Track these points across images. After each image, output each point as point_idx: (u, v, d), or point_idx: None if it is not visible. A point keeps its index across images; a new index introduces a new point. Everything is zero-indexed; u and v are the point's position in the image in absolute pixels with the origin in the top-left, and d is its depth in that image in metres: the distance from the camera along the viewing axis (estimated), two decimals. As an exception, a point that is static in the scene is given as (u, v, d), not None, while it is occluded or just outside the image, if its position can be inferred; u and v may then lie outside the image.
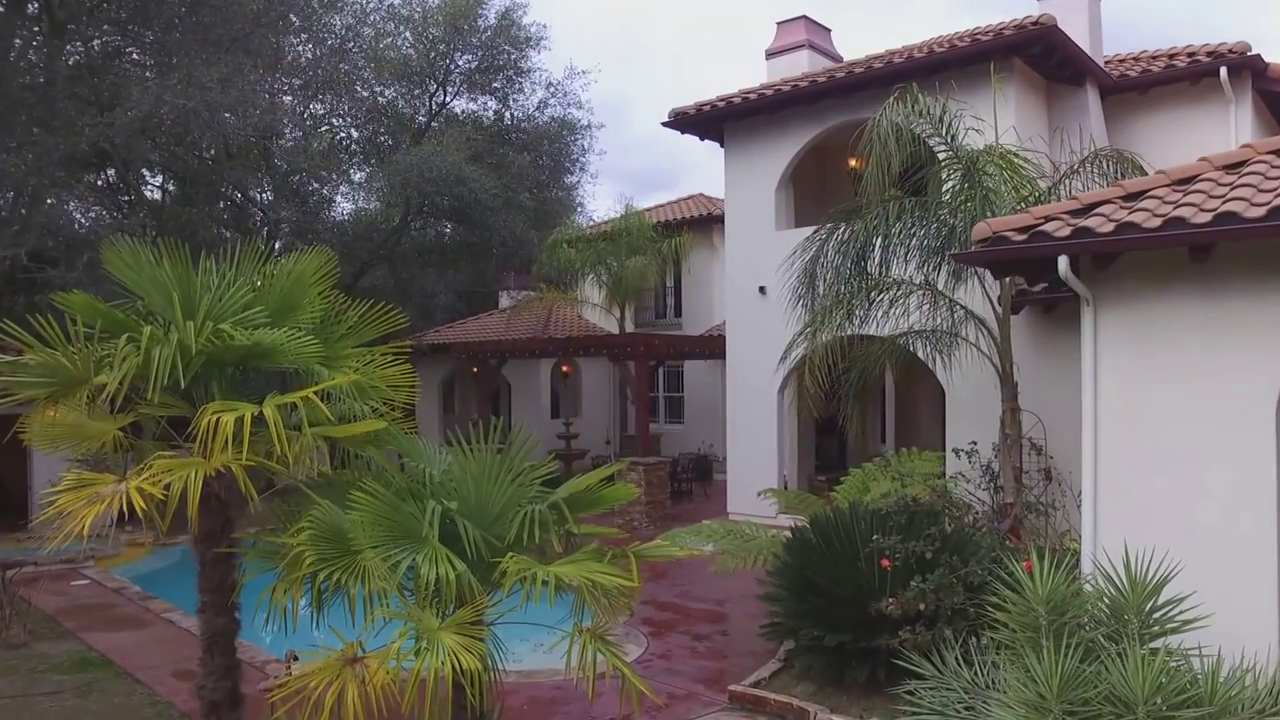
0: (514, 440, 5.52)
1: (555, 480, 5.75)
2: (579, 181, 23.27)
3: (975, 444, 11.02)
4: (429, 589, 4.72)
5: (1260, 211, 5.68)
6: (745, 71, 62.97)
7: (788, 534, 8.49)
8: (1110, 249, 6.34)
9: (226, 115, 10.16)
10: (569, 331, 21.63)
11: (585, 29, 59.83)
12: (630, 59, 63.58)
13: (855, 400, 10.51)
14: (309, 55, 16.88)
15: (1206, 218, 5.87)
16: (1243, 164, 6.90)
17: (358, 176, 19.25)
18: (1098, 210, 6.62)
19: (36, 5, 10.79)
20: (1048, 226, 6.58)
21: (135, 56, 12.11)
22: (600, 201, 64.31)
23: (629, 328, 21.71)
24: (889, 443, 18.13)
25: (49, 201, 11.49)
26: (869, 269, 9.01)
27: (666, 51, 64.84)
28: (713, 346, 17.16)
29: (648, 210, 23.60)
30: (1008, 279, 9.01)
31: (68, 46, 11.27)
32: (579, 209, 27.78)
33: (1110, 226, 6.24)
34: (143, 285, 5.31)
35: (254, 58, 11.98)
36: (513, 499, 5.35)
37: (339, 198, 20.71)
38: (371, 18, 18.51)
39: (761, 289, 12.96)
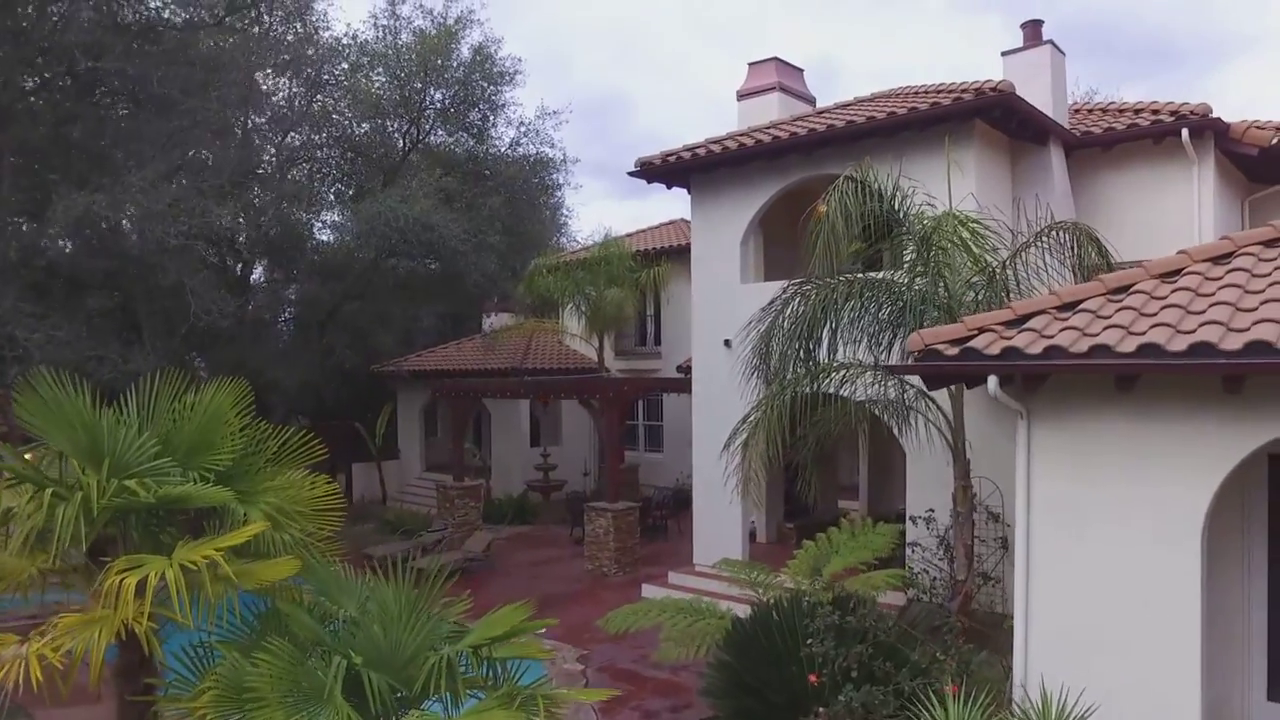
0: (429, 578, 5.50)
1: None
2: (554, 215, 23.23)
3: (932, 511, 11.05)
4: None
5: (1182, 346, 5.65)
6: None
7: (735, 613, 8.49)
8: (1037, 372, 6.31)
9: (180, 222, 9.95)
10: (548, 361, 21.61)
11: (586, 27, 59.72)
12: (631, 54, 63.42)
13: (814, 463, 10.48)
14: (284, 92, 16.88)
15: (1131, 347, 5.84)
16: (1178, 273, 6.86)
17: (334, 214, 19.31)
18: (1029, 325, 6.59)
19: None
20: (979, 341, 6.55)
21: (72, 150, 11.90)
22: (594, 209, 64.19)
23: (609, 356, 21.69)
24: (863, 479, 18.12)
25: None
26: (817, 353, 8.96)
27: (667, 50, 64.60)
28: (685, 385, 17.10)
29: (628, 236, 23.58)
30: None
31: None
32: (563, 227, 27.79)
33: (1039, 348, 6.20)
34: (52, 432, 5.29)
35: (191, 148, 11.89)
36: (424, 642, 5.33)
37: (317, 224, 20.69)
38: (347, 52, 18.44)
39: (726, 342, 12.89)
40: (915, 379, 9.53)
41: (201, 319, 11.81)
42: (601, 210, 67.47)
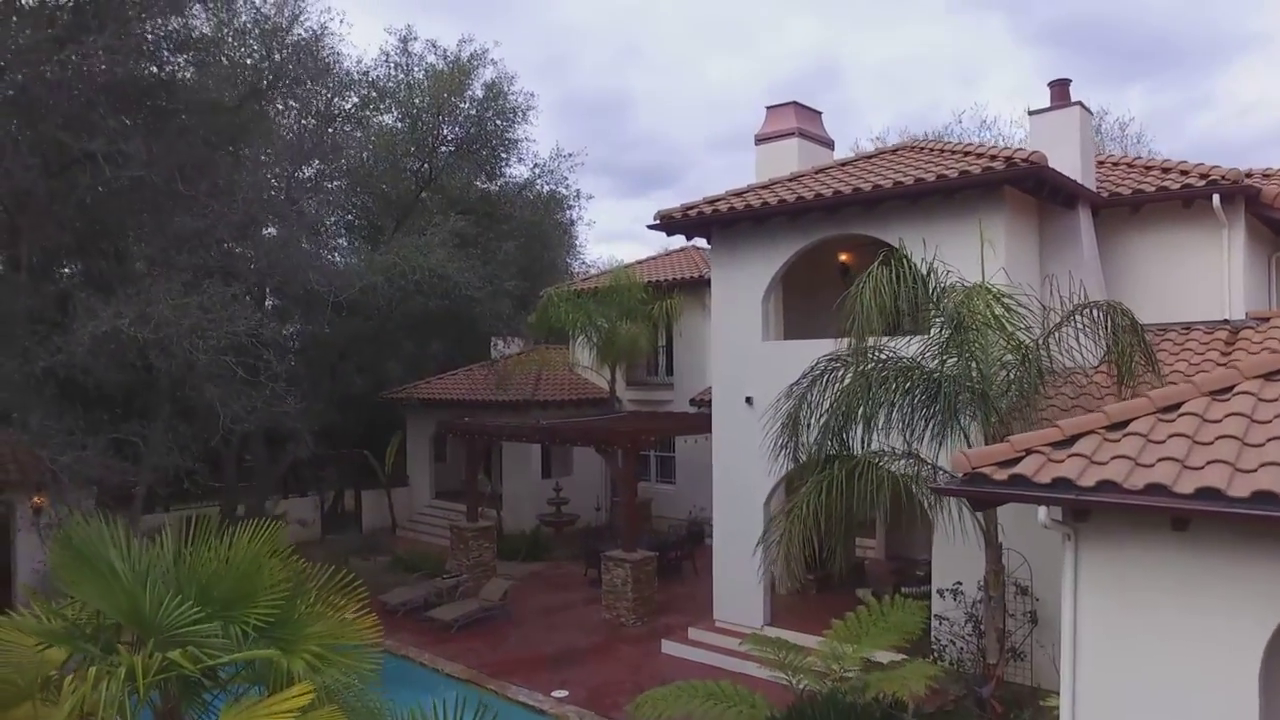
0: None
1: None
2: (568, 246, 23.13)
3: (960, 584, 10.95)
4: None
5: (1244, 491, 5.51)
6: (747, 72, 62.24)
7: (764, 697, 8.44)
8: (1090, 507, 6.19)
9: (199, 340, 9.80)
10: (559, 392, 21.46)
11: (586, 24, 59.40)
12: (632, 48, 63.10)
13: (844, 534, 10.36)
14: (294, 129, 16.72)
15: (1189, 488, 5.70)
16: (1229, 390, 6.73)
17: (348, 253, 19.18)
18: (1078, 448, 6.46)
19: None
20: (1027, 466, 6.41)
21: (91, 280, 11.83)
22: (596, 210, 64.02)
23: (620, 387, 21.55)
24: (880, 518, 17.99)
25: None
26: (851, 445, 8.87)
27: (668, 44, 64.23)
28: (702, 425, 16.94)
29: (639, 263, 23.45)
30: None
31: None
32: (572, 249, 27.65)
33: (1091, 479, 6.06)
34: (89, 591, 5.19)
35: (216, 247, 11.72)
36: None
37: (329, 257, 20.53)
38: (358, 86, 18.31)
39: (748, 399, 12.78)
40: (943, 460, 9.43)
41: (230, 429, 11.70)
42: (605, 210, 67.25)
